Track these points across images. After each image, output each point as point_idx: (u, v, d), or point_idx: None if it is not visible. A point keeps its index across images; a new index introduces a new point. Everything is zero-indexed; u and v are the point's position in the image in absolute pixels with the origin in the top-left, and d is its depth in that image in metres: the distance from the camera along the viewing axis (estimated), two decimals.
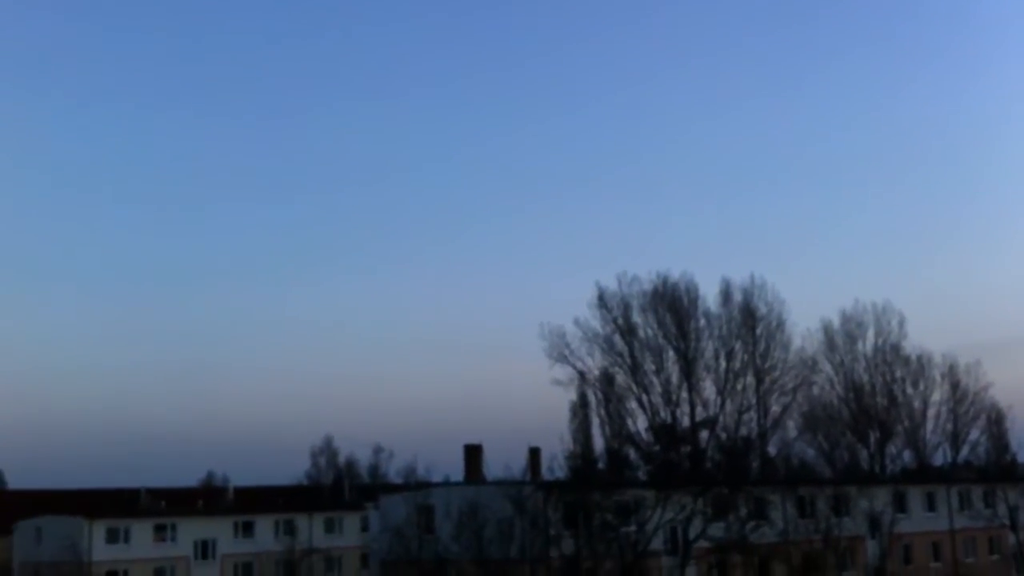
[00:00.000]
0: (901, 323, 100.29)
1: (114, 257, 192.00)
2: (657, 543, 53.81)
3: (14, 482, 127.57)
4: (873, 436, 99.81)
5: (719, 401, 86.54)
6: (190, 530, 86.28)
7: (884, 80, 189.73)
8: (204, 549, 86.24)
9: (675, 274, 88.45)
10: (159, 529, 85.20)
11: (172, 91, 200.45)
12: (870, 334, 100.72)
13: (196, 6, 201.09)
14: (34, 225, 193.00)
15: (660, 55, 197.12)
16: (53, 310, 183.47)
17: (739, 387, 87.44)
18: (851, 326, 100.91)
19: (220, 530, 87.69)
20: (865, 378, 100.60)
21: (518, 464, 68.17)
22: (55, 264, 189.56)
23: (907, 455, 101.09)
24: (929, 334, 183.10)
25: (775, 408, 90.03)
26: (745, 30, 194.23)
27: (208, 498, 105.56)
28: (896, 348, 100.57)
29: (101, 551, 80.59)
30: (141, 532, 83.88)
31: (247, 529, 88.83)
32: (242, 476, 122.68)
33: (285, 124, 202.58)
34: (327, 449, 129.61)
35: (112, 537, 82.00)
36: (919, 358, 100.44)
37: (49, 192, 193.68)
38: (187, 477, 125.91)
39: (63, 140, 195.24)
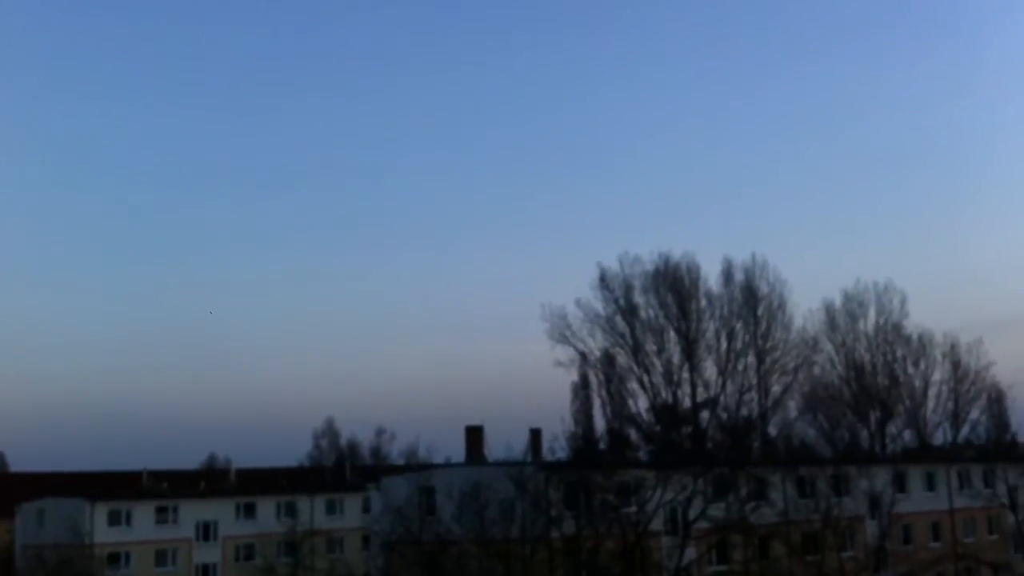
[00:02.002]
0: (903, 302, 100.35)
1: (115, 237, 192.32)
2: (658, 523, 53.89)
3: (16, 464, 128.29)
4: (874, 416, 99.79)
5: (720, 381, 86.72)
6: (192, 512, 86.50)
7: (886, 61, 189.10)
8: (206, 531, 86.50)
9: (677, 254, 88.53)
10: (161, 511, 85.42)
11: (190, 79, 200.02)
12: (871, 313, 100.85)
13: None
14: (37, 204, 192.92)
15: (659, 41, 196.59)
16: (55, 290, 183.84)
17: (740, 367, 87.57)
18: (852, 305, 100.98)
19: (222, 512, 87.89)
20: (866, 358, 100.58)
21: (520, 445, 68.53)
22: (57, 244, 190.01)
23: (908, 435, 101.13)
24: (930, 313, 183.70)
25: (776, 388, 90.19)
26: (746, 19, 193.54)
27: (210, 480, 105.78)
28: (897, 327, 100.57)
29: (103, 533, 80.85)
30: (143, 514, 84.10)
31: (249, 511, 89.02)
32: (244, 458, 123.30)
33: (300, 112, 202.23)
34: (329, 431, 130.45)
35: (114, 519, 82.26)
36: (920, 337, 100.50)
37: (52, 172, 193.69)
38: (189, 459, 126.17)
39: (68, 116, 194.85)
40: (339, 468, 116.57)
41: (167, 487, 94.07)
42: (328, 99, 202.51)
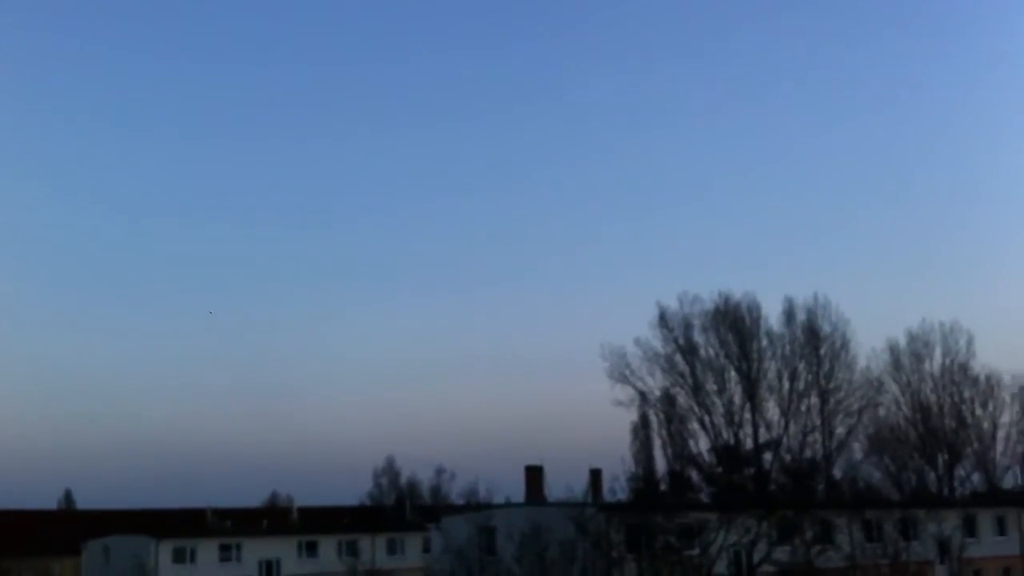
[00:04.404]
0: (969, 342, 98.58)
1: (180, 277, 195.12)
2: (721, 566, 53.34)
3: (83, 502, 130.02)
4: (941, 458, 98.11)
5: (783, 422, 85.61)
6: (255, 550, 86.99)
7: (964, 94, 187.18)
8: (268, 569, 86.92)
9: (737, 293, 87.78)
10: (224, 549, 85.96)
11: (258, 108, 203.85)
12: (937, 354, 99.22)
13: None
14: (107, 243, 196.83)
15: (720, 81, 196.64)
16: (120, 330, 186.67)
17: (803, 408, 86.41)
18: (918, 346, 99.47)
19: (284, 550, 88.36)
20: (933, 399, 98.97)
21: (580, 485, 67.88)
22: (123, 284, 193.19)
23: (976, 478, 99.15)
24: (998, 354, 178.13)
25: (840, 430, 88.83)
26: (804, 58, 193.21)
27: (273, 518, 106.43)
28: (964, 368, 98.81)
29: (168, 570, 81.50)
30: (207, 552, 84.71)
31: (311, 549, 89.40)
32: (306, 496, 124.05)
33: (358, 146, 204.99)
34: (389, 470, 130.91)
35: (179, 557, 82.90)
36: (988, 378, 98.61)
37: (126, 210, 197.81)
38: (252, 497, 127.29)
39: (139, 155, 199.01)
40: (399, 507, 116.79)
41: (230, 525, 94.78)
42: (398, 134, 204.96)
